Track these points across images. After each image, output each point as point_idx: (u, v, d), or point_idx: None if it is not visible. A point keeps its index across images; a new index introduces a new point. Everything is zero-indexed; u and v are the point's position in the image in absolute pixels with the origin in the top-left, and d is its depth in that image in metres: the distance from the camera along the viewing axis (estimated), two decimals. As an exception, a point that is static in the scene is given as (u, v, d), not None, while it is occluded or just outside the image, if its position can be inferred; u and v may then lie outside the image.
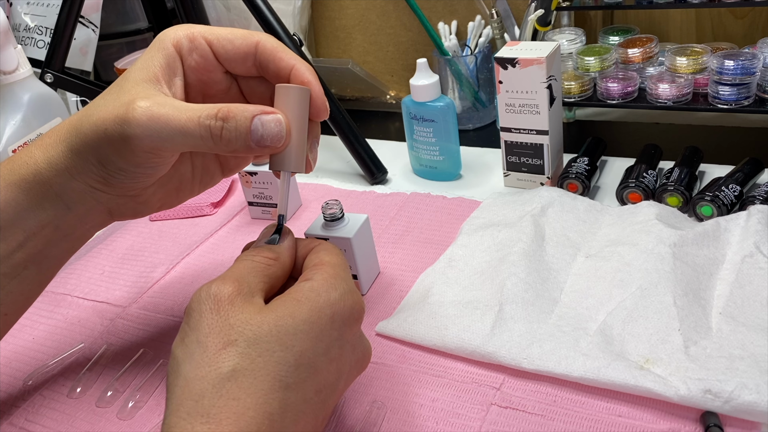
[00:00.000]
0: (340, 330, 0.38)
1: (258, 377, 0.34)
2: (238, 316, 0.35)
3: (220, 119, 0.39)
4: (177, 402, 0.33)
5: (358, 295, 0.40)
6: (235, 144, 0.40)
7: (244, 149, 0.40)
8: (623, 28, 0.77)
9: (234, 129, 0.39)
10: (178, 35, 0.43)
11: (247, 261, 0.39)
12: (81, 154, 0.42)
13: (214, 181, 0.51)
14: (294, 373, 0.35)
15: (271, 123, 0.40)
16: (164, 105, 0.40)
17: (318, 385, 0.37)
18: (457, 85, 0.87)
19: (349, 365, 0.40)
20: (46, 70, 0.84)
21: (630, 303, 0.48)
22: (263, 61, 0.44)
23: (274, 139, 0.40)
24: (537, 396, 0.45)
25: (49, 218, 0.44)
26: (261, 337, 0.35)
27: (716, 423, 0.40)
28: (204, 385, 0.33)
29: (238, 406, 0.33)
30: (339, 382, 0.39)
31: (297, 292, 0.37)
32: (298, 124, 0.42)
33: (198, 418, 0.32)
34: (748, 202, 0.58)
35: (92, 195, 0.44)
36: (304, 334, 0.36)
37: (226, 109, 0.39)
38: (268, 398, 0.34)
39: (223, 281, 0.37)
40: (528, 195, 0.64)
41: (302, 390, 0.36)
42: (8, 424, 0.50)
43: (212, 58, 0.44)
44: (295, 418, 0.35)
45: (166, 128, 0.39)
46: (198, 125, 0.39)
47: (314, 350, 0.36)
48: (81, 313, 0.62)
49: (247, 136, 0.39)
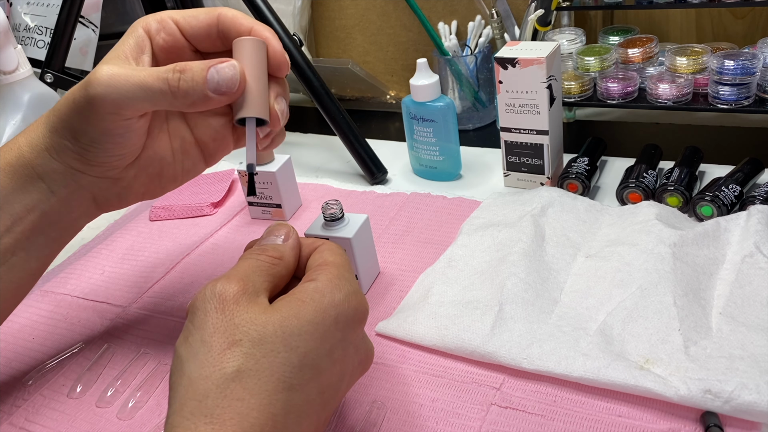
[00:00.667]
0: (344, 331, 0.38)
1: (262, 378, 0.34)
2: (243, 315, 0.35)
3: (177, 71, 0.41)
4: (180, 401, 0.33)
5: (362, 296, 0.40)
6: (193, 94, 0.41)
7: (202, 99, 0.42)
8: (623, 28, 0.77)
9: (191, 79, 0.41)
10: (147, 19, 0.45)
11: (252, 260, 0.39)
12: (57, 131, 0.44)
13: (197, 168, 0.51)
14: (298, 374, 0.35)
15: (226, 68, 0.42)
16: (125, 67, 0.42)
17: (321, 386, 0.37)
18: (457, 85, 0.87)
19: (352, 366, 0.40)
20: (46, 70, 0.84)
21: (630, 303, 0.48)
22: (225, 30, 0.45)
23: (230, 83, 0.42)
24: (537, 396, 0.45)
25: (33, 202, 0.45)
26: (266, 337, 0.35)
27: (716, 423, 0.40)
28: (208, 384, 0.33)
29: (242, 406, 0.33)
30: (342, 383, 0.39)
31: (302, 293, 0.37)
32: (256, 73, 0.43)
33: (201, 418, 0.32)
34: (748, 202, 0.58)
35: (73, 177, 0.45)
36: (309, 335, 0.36)
37: (182, 63, 0.42)
38: (272, 399, 0.34)
39: (228, 280, 0.37)
40: (528, 195, 0.64)
41: (306, 391, 0.35)
42: (8, 424, 0.50)
43: (179, 36, 0.46)
44: (298, 418, 0.35)
45: (126, 84, 0.41)
46: (156, 78, 0.41)
47: (318, 351, 0.36)
48: (81, 313, 0.62)
49: (203, 85, 0.41)
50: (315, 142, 0.92)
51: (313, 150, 0.89)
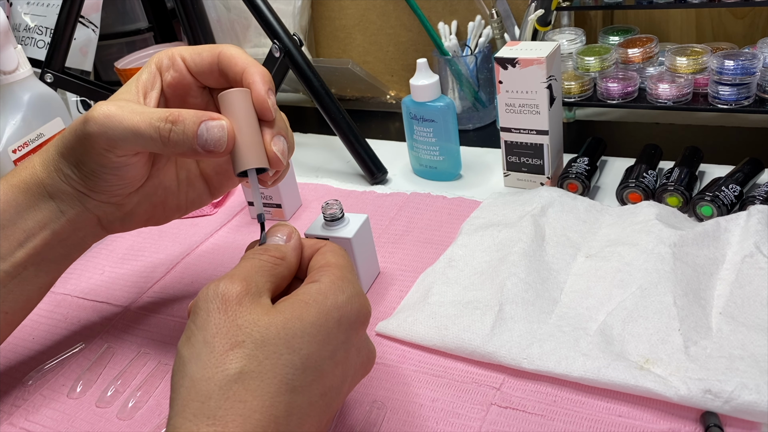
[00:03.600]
0: (347, 333, 0.38)
1: (265, 380, 0.34)
2: (246, 316, 0.35)
3: (170, 122, 0.42)
4: (182, 403, 0.33)
5: (364, 297, 0.40)
6: (182, 147, 0.42)
7: (190, 152, 0.42)
8: (623, 28, 0.77)
9: (182, 132, 0.42)
10: (161, 55, 0.47)
11: (255, 260, 0.39)
12: (64, 156, 0.46)
13: (202, 200, 0.53)
14: (300, 376, 0.35)
15: (215, 128, 0.42)
16: (123, 108, 0.43)
17: (323, 388, 0.36)
18: (457, 85, 0.87)
19: (354, 368, 0.40)
20: (46, 70, 0.84)
21: (630, 303, 0.48)
22: (224, 68, 0.46)
23: (217, 143, 0.42)
24: (537, 396, 0.45)
25: (45, 219, 0.47)
26: (269, 339, 0.35)
27: (716, 423, 0.40)
28: (210, 386, 0.33)
29: (245, 408, 0.33)
30: (344, 385, 0.39)
31: (305, 294, 0.37)
32: (246, 123, 0.43)
33: (204, 419, 0.32)
34: (748, 202, 0.58)
35: (79, 200, 0.47)
36: (312, 337, 0.36)
37: (177, 113, 0.42)
38: (275, 401, 0.34)
39: (231, 280, 0.37)
40: (528, 195, 0.64)
41: (308, 393, 0.35)
42: (8, 424, 0.50)
43: (186, 73, 0.47)
44: (300, 420, 0.35)
45: (119, 126, 0.42)
46: (149, 126, 0.42)
47: (321, 353, 0.36)
48: (81, 313, 0.62)
49: (193, 140, 0.42)
50: (315, 142, 0.92)
51: (313, 150, 0.89)
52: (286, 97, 1.10)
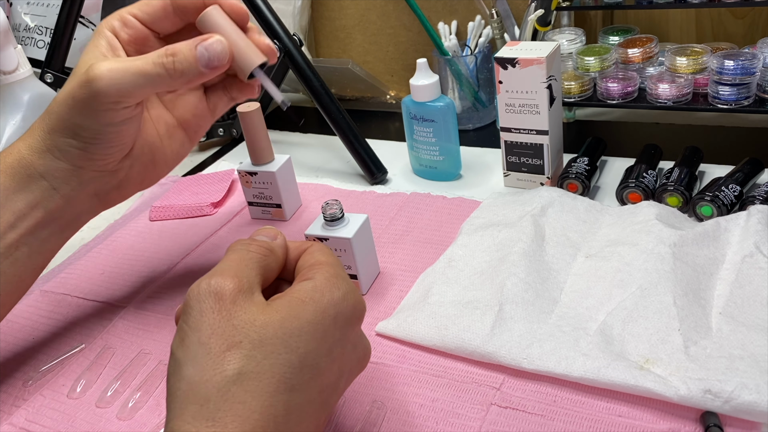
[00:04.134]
0: (343, 330, 0.38)
1: (263, 380, 0.34)
2: (242, 316, 0.35)
3: (170, 55, 0.45)
4: (180, 405, 0.33)
5: (359, 294, 0.40)
6: (188, 73, 0.45)
7: (197, 76, 0.46)
8: (623, 28, 0.77)
9: (184, 59, 0.45)
10: (109, 19, 0.49)
11: (243, 252, 0.39)
12: (57, 131, 0.47)
13: (184, 148, 0.55)
14: (298, 375, 0.35)
15: (214, 44, 0.46)
16: (119, 60, 0.46)
17: (321, 386, 0.37)
18: (457, 85, 0.87)
19: (350, 364, 0.40)
20: (46, 70, 0.84)
21: (630, 303, 0.48)
22: (179, 6, 0.49)
23: (221, 56, 0.46)
24: (537, 396, 0.45)
25: (37, 199, 0.48)
26: (266, 339, 0.35)
27: (716, 423, 0.40)
28: (209, 388, 0.33)
29: (244, 409, 0.33)
30: (340, 382, 0.39)
31: (300, 292, 0.37)
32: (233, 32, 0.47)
33: (203, 422, 0.32)
34: (748, 202, 0.58)
35: (75, 174, 0.48)
36: (309, 335, 0.36)
37: (171, 47, 0.45)
38: (273, 400, 0.34)
39: (222, 276, 0.36)
40: (528, 195, 0.64)
41: (306, 391, 0.35)
42: (8, 424, 0.50)
43: (141, 27, 0.49)
44: (299, 419, 0.35)
45: (127, 74, 0.45)
46: (153, 64, 0.45)
47: (318, 351, 0.36)
48: (81, 313, 0.62)
49: (196, 63, 0.45)
50: (315, 142, 0.92)
51: (313, 150, 0.89)
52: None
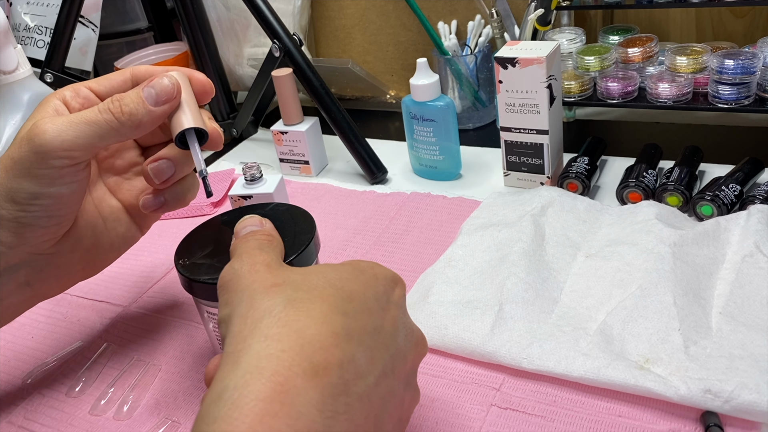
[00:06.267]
0: (385, 286, 0.36)
1: (315, 302, 0.32)
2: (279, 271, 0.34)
3: (116, 101, 0.42)
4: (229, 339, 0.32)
5: None
6: (137, 114, 0.42)
7: (147, 116, 0.43)
8: (623, 27, 0.76)
9: (131, 101, 0.42)
10: (60, 90, 0.46)
11: (252, 241, 0.39)
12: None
13: (133, 234, 0.51)
14: (349, 305, 0.33)
15: (162, 80, 0.43)
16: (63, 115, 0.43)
17: (374, 324, 0.34)
18: (457, 84, 0.87)
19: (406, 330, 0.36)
20: (46, 70, 0.84)
21: (630, 303, 0.48)
22: (140, 79, 0.46)
23: (168, 89, 0.43)
24: (537, 396, 0.45)
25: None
26: (309, 280, 0.34)
27: (716, 423, 0.40)
28: (259, 313, 0.31)
29: (298, 324, 0.31)
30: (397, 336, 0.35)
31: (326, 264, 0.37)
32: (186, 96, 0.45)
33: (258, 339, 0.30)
34: (748, 201, 0.58)
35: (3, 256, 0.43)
36: (352, 280, 0.35)
37: (116, 95, 0.43)
38: (328, 319, 0.31)
39: (248, 254, 0.36)
40: (528, 195, 0.64)
41: (359, 320, 0.33)
42: (7, 423, 0.50)
43: (94, 98, 0.46)
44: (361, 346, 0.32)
45: (72, 125, 0.41)
46: (99, 111, 0.42)
47: (365, 293, 0.34)
48: (80, 312, 0.62)
49: (143, 102, 0.43)
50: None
51: (313, 150, 0.89)
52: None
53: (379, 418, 0.32)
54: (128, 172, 0.51)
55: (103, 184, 0.50)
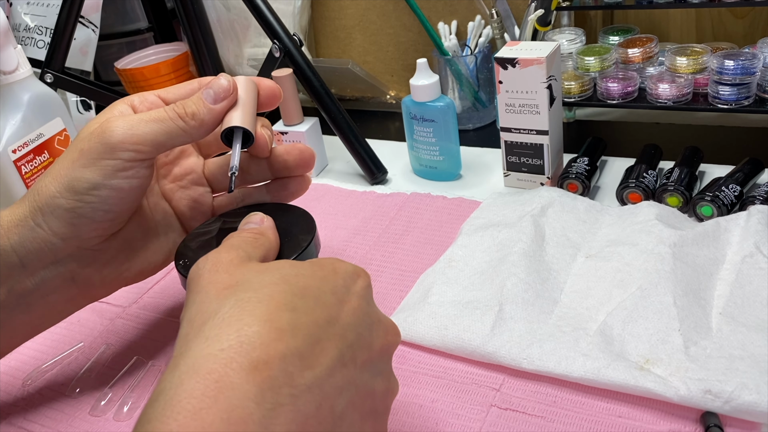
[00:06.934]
0: (345, 279, 0.36)
1: (262, 302, 0.32)
2: (239, 269, 0.35)
3: (180, 104, 0.46)
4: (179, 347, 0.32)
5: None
6: (199, 113, 0.45)
7: (209, 114, 0.46)
8: (623, 28, 0.76)
9: (192, 103, 0.46)
10: (129, 96, 0.48)
11: (235, 237, 0.40)
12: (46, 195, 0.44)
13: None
14: (300, 301, 0.33)
15: (219, 79, 0.46)
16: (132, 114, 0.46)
17: (327, 316, 0.33)
18: (457, 85, 0.87)
19: (368, 325, 0.36)
20: (46, 70, 0.84)
21: (630, 303, 0.48)
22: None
23: (225, 88, 0.46)
24: (537, 397, 0.45)
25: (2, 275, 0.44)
26: (262, 279, 0.34)
27: (716, 423, 0.40)
28: (205, 317, 0.32)
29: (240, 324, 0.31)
30: (358, 328, 0.35)
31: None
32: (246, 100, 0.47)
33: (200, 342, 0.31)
34: (748, 202, 0.58)
35: (49, 248, 0.44)
36: (308, 276, 0.35)
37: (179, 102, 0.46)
38: (273, 316, 0.31)
39: (217, 252, 0.37)
40: (528, 195, 0.64)
41: (312, 315, 0.33)
42: (7, 423, 0.50)
43: (161, 103, 0.48)
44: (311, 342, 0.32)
45: (143, 123, 0.44)
46: (165, 112, 0.45)
47: (320, 287, 0.34)
48: (80, 313, 0.62)
49: (204, 102, 0.46)
50: (315, 142, 0.92)
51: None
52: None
53: (336, 407, 0.32)
54: (184, 179, 0.53)
55: (159, 189, 0.52)
